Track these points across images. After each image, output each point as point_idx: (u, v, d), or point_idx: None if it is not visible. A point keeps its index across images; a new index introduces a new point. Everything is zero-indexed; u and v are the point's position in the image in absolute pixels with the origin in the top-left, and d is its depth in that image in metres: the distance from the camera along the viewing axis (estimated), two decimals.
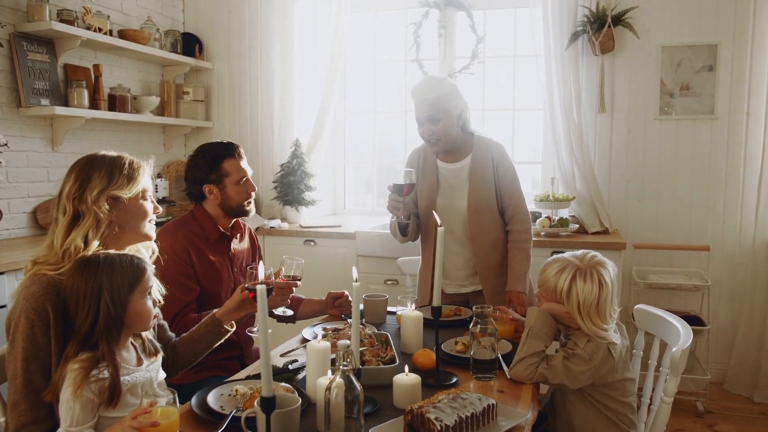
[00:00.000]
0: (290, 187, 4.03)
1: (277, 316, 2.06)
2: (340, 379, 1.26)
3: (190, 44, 4.31)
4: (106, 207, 1.52)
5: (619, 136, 3.83)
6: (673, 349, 1.70)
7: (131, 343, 1.50)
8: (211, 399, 1.51)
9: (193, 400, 1.51)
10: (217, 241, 2.22)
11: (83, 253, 1.46)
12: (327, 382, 1.30)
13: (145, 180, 1.61)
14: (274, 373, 1.34)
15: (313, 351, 1.54)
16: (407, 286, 3.00)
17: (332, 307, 2.37)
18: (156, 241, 1.72)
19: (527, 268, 2.45)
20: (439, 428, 1.27)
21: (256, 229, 3.82)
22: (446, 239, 1.91)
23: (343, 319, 2.29)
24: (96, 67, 3.56)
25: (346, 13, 4.05)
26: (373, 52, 4.45)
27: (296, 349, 1.99)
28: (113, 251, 1.49)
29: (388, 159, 4.60)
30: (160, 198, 3.98)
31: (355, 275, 1.44)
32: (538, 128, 4.07)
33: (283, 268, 1.98)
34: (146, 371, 1.47)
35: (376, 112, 4.52)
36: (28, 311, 1.39)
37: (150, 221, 1.64)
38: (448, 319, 2.23)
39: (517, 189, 2.51)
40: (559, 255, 1.83)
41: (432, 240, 2.53)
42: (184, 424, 1.40)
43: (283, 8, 4.15)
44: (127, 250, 1.57)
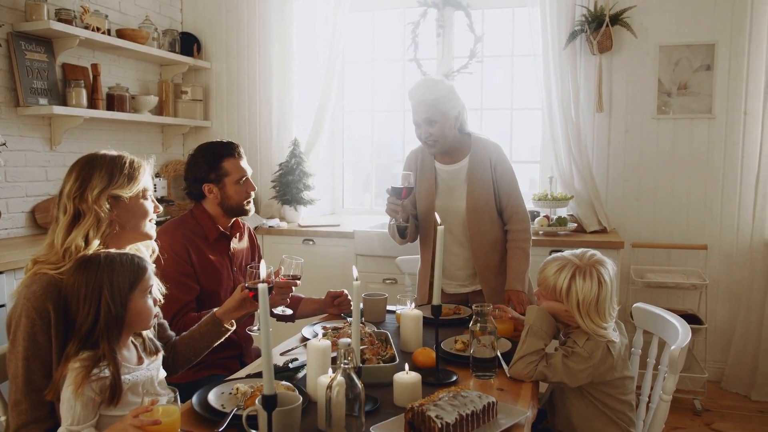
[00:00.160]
0: (289, 187, 4.03)
1: (276, 315, 2.06)
2: (341, 378, 1.26)
3: (189, 44, 4.30)
4: (107, 206, 1.52)
5: (617, 136, 3.84)
6: (672, 347, 1.71)
7: (132, 342, 1.50)
8: (212, 397, 1.51)
9: (194, 399, 1.51)
10: (216, 241, 2.22)
11: (84, 252, 1.46)
12: (328, 380, 1.30)
13: (146, 179, 1.61)
14: (274, 372, 1.34)
15: (314, 349, 1.55)
16: (406, 285, 3.00)
17: (332, 306, 2.37)
18: (156, 240, 1.72)
19: (526, 267, 2.46)
20: (439, 426, 1.27)
21: (255, 228, 3.82)
22: (445, 240, 1.91)
23: (343, 318, 2.29)
24: (94, 67, 3.55)
25: (345, 13, 4.05)
26: (371, 52, 4.45)
27: (296, 347, 2.00)
28: (114, 250, 1.49)
29: (387, 158, 4.60)
30: (159, 197, 3.98)
31: (356, 274, 1.45)
32: (536, 127, 4.08)
33: (283, 268, 1.98)
34: (147, 370, 1.48)
35: (374, 111, 4.52)
36: (29, 310, 1.39)
37: (150, 220, 1.64)
38: (448, 318, 2.24)
39: (515, 189, 2.51)
40: (559, 254, 1.84)
41: (431, 241, 2.53)
42: (186, 422, 1.41)
43: (282, 7, 4.15)
44: (128, 250, 1.57)
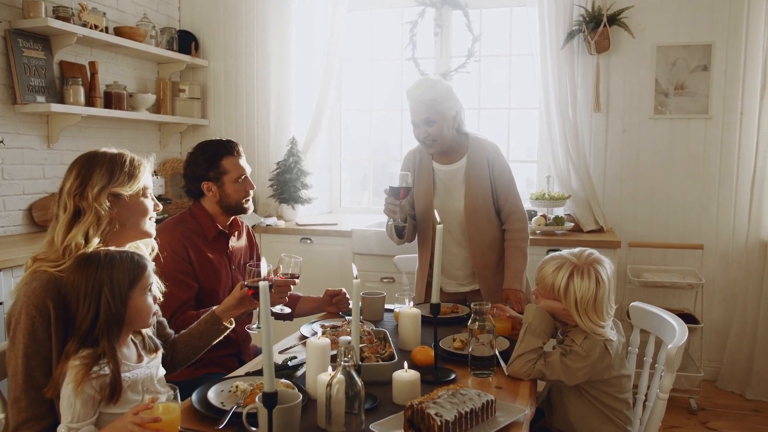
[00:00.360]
0: (286, 185, 4.03)
1: (274, 313, 2.07)
2: (341, 375, 1.26)
3: (186, 42, 4.30)
4: (107, 204, 1.52)
5: (614, 135, 3.85)
6: (669, 346, 1.72)
7: (131, 339, 1.50)
8: (212, 395, 1.51)
9: (194, 396, 1.51)
10: (215, 239, 2.22)
11: (84, 250, 1.46)
12: (328, 378, 1.31)
13: (146, 177, 1.61)
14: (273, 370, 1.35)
15: (313, 347, 1.55)
16: (404, 284, 3.01)
17: (330, 305, 2.37)
18: (155, 239, 1.72)
19: (524, 266, 2.46)
20: (439, 423, 1.28)
21: (253, 226, 3.81)
22: (444, 239, 1.92)
23: (341, 317, 2.29)
24: (92, 65, 3.54)
25: (343, 11, 4.05)
26: (369, 51, 4.45)
27: (295, 346, 2.00)
28: (113, 248, 1.49)
29: (384, 157, 4.60)
30: (156, 196, 3.96)
31: (355, 272, 1.45)
32: (534, 127, 4.09)
33: (281, 266, 1.99)
34: (146, 368, 1.48)
35: (371, 110, 4.52)
36: (29, 308, 1.39)
37: (150, 218, 1.64)
38: (446, 317, 2.24)
39: (513, 188, 2.52)
40: (557, 253, 1.85)
41: (429, 240, 2.54)
42: (185, 420, 1.41)
43: (280, 6, 4.15)
44: (127, 248, 1.57)
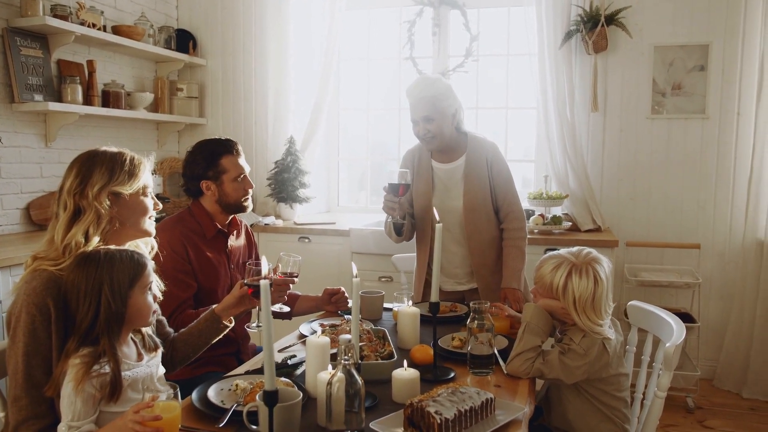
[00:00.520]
0: (284, 184, 4.03)
1: (273, 312, 2.07)
2: (341, 374, 1.27)
3: (184, 40, 4.29)
4: (107, 203, 1.52)
5: (611, 135, 3.86)
6: (667, 345, 1.73)
7: (131, 338, 1.50)
8: (212, 394, 1.52)
9: (194, 395, 1.51)
10: (214, 238, 2.22)
11: (84, 249, 1.46)
12: (328, 376, 1.31)
13: (146, 176, 1.61)
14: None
15: (313, 346, 1.55)
16: (402, 283, 3.02)
17: (329, 304, 2.38)
18: (155, 238, 1.72)
19: (522, 266, 2.47)
20: (439, 422, 1.28)
21: (251, 225, 3.81)
22: (443, 238, 1.93)
23: (340, 315, 2.30)
24: (90, 63, 3.54)
25: (341, 10, 4.05)
26: (367, 50, 4.45)
27: (294, 344, 2.00)
28: (113, 247, 1.49)
29: (382, 156, 4.60)
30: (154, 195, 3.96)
31: (355, 271, 1.45)
32: (532, 126, 4.10)
33: (281, 265, 1.99)
34: (147, 366, 1.48)
35: (369, 109, 4.52)
36: (29, 306, 1.39)
37: (150, 217, 1.64)
38: (445, 315, 2.25)
39: (512, 187, 2.53)
40: (555, 252, 1.86)
41: (427, 239, 2.54)
42: (185, 418, 1.41)
43: (278, 5, 4.15)
44: (126, 246, 1.57)
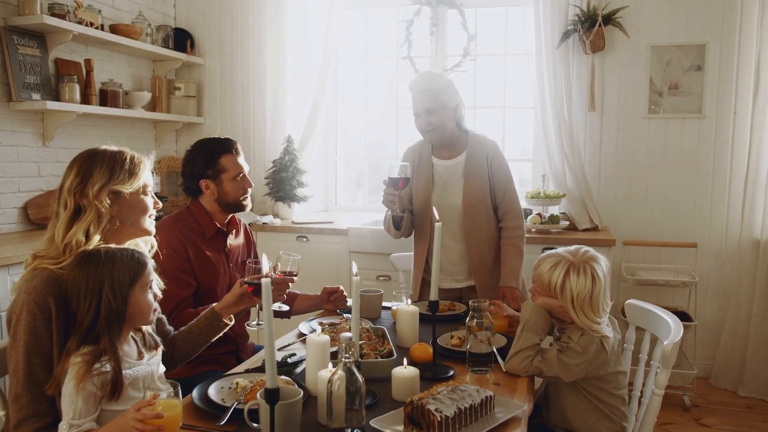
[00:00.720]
0: (282, 183, 4.03)
1: (272, 311, 2.07)
2: (342, 371, 1.27)
3: (182, 39, 4.29)
4: (108, 201, 1.52)
5: (608, 135, 3.87)
6: (665, 343, 1.74)
7: (132, 337, 1.50)
8: (212, 392, 1.52)
9: (195, 393, 1.52)
10: (213, 237, 2.22)
11: (84, 248, 1.46)
12: (329, 374, 1.32)
13: (146, 175, 1.61)
14: None
15: (313, 344, 1.56)
16: (400, 282, 3.02)
17: (327, 302, 2.38)
18: (154, 236, 1.73)
19: (520, 264, 2.48)
20: (439, 419, 1.29)
21: (249, 224, 3.81)
22: (442, 235, 1.94)
23: (339, 314, 2.30)
24: (87, 62, 3.53)
25: (339, 9, 4.05)
26: (365, 49, 4.45)
27: (294, 343, 2.01)
28: (114, 245, 1.49)
29: (379, 156, 4.61)
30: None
31: (355, 269, 1.46)
32: (529, 126, 4.11)
33: (279, 264, 1.99)
34: (147, 365, 1.48)
35: (367, 108, 4.52)
36: (30, 305, 1.40)
37: (150, 216, 1.64)
38: (443, 314, 2.25)
39: (511, 186, 2.54)
40: (553, 251, 1.87)
41: (426, 236, 2.55)
42: (186, 416, 1.42)
43: (276, 3, 4.15)
44: (126, 245, 1.57)
